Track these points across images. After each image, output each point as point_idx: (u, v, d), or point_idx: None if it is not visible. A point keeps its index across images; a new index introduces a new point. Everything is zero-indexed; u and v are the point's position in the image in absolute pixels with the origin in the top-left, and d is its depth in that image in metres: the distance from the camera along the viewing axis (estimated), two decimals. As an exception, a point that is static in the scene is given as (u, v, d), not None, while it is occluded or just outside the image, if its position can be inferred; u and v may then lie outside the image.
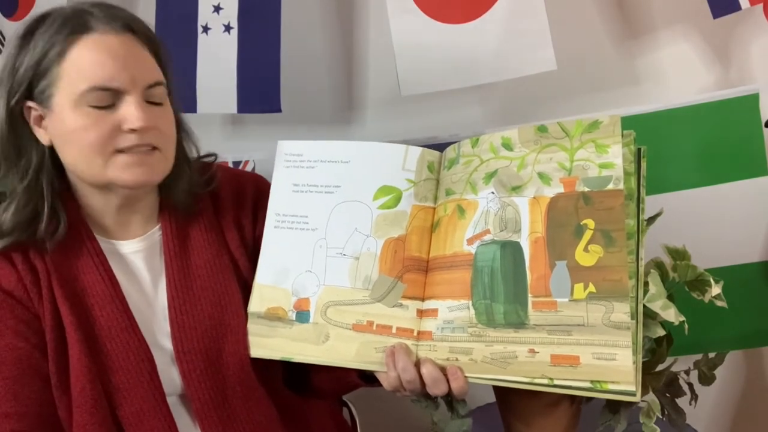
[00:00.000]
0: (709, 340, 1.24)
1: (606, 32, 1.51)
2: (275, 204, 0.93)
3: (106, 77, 0.82)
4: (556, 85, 1.40)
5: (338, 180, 0.91)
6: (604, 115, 0.80)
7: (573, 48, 1.41)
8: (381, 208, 0.88)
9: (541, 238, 0.78)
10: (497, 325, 0.78)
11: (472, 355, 0.79)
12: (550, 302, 0.76)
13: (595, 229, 0.76)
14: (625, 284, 0.73)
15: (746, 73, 1.48)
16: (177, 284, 0.90)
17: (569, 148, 0.80)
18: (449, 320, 0.81)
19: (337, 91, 1.59)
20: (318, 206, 0.91)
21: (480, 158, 0.86)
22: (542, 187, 0.80)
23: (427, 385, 0.79)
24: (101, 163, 0.84)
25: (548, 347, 0.74)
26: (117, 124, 0.84)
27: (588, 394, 0.73)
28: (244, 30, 1.39)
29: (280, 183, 0.94)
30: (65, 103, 0.83)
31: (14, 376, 0.81)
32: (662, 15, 1.50)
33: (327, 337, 0.85)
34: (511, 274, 0.79)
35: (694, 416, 0.97)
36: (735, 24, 1.45)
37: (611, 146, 0.78)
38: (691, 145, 1.33)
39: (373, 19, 1.54)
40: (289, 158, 0.94)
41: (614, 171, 0.77)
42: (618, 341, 0.71)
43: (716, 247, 1.30)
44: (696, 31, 1.48)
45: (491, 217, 0.82)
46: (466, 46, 1.32)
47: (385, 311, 0.84)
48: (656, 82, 1.50)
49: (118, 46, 0.84)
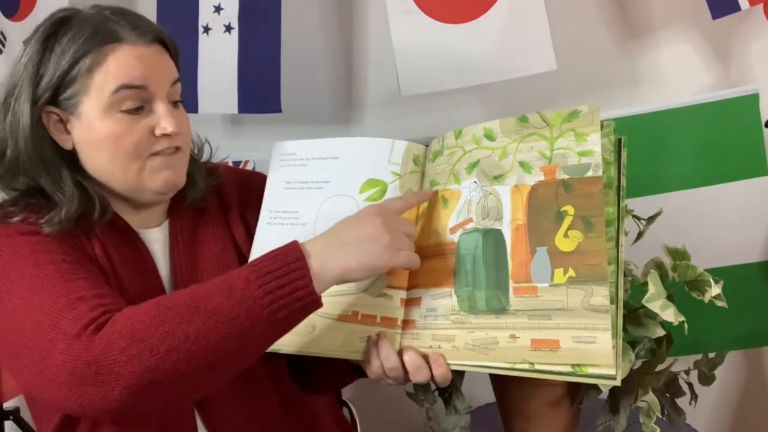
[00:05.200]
0: (709, 340, 1.24)
1: (606, 32, 1.52)
2: (268, 202, 0.94)
3: (134, 76, 0.84)
4: (556, 85, 1.40)
5: (327, 175, 0.92)
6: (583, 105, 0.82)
7: (573, 48, 1.41)
8: (367, 201, 0.89)
9: (522, 225, 0.79)
10: (479, 312, 0.78)
11: (454, 342, 0.79)
12: (531, 287, 0.76)
13: (574, 215, 0.76)
14: (604, 268, 0.73)
15: (746, 73, 1.48)
16: (184, 276, 0.91)
17: (549, 137, 0.82)
18: (432, 308, 0.82)
19: (337, 91, 1.59)
20: (308, 202, 0.92)
21: (463, 149, 0.87)
22: (523, 175, 0.81)
23: (410, 373, 0.80)
24: (137, 168, 0.86)
25: (529, 332, 0.75)
26: (150, 128, 0.86)
27: (568, 378, 0.73)
28: (244, 30, 1.40)
29: (273, 182, 0.95)
30: (94, 110, 0.84)
31: (96, 276, 0.82)
32: (662, 15, 1.50)
33: (314, 327, 0.85)
34: (492, 261, 0.79)
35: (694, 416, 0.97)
36: (735, 24, 1.45)
37: (590, 134, 0.79)
38: (691, 145, 1.33)
39: (373, 19, 1.54)
40: (284, 158, 0.96)
41: (593, 158, 0.78)
42: (597, 324, 0.71)
43: (716, 247, 1.30)
44: (696, 31, 1.48)
45: (474, 206, 0.83)
46: (466, 46, 1.32)
47: (370, 301, 0.85)
48: (656, 82, 1.51)
49: (148, 55, 0.86)
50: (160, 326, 0.70)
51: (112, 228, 0.89)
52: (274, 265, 0.73)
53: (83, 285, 0.77)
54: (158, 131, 0.86)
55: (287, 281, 0.72)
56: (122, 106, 0.84)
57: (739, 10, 1.24)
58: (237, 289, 0.71)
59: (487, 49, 1.31)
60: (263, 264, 0.73)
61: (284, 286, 0.72)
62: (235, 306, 0.71)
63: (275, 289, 0.71)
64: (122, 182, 0.87)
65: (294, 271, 0.73)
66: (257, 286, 0.71)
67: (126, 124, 0.84)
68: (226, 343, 0.70)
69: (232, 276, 0.73)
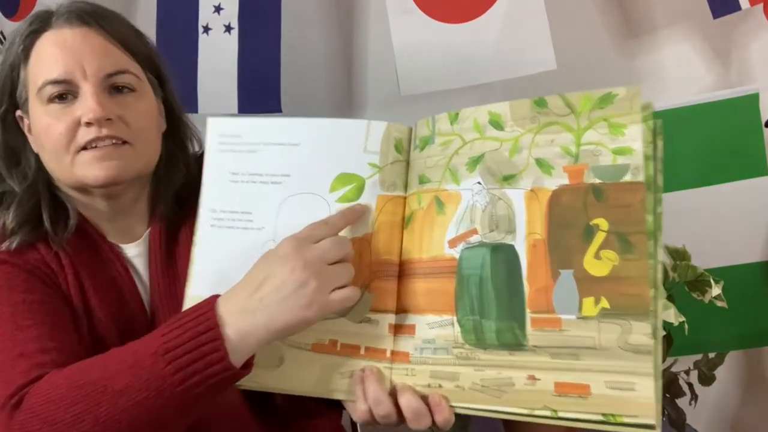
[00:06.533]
0: (709, 340, 1.24)
1: (606, 32, 1.51)
2: (210, 198, 0.78)
3: (57, 70, 0.79)
4: (556, 85, 1.40)
5: (287, 167, 0.76)
6: (619, 87, 0.65)
7: (573, 48, 1.41)
8: (340, 201, 0.74)
9: (540, 241, 0.66)
10: (489, 346, 0.67)
11: (458, 381, 0.68)
12: (554, 319, 0.64)
13: (608, 231, 0.63)
14: (645, 299, 0.61)
15: (746, 73, 1.48)
16: (162, 300, 0.86)
17: (575, 129, 0.67)
18: (430, 339, 0.70)
19: (337, 91, 1.59)
20: (263, 200, 0.76)
21: (461, 138, 0.72)
22: (542, 176, 0.67)
23: (407, 419, 0.69)
24: (69, 161, 0.81)
25: (552, 374, 0.64)
26: (76, 118, 0.79)
27: (598, 427, 0.63)
28: (244, 30, 1.40)
29: (214, 171, 0.79)
30: (34, 104, 0.81)
31: (51, 321, 0.77)
32: (662, 15, 1.50)
33: (281, 360, 0.73)
34: (504, 285, 0.67)
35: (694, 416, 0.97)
36: (735, 24, 1.45)
37: (628, 126, 0.64)
38: (691, 145, 1.33)
39: (373, 19, 1.54)
40: (225, 140, 0.79)
41: (632, 158, 0.63)
42: (637, 368, 0.60)
43: (716, 247, 1.30)
44: (696, 31, 1.48)
45: (478, 214, 0.70)
46: (466, 46, 1.32)
47: (351, 328, 0.72)
48: (656, 82, 1.50)
49: (71, 40, 0.80)
50: (70, 408, 0.65)
51: (88, 248, 0.84)
52: (185, 336, 0.65)
53: (31, 336, 0.74)
54: (82, 119, 0.79)
55: (199, 355, 0.64)
56: (50, 96, 0.80)
57: (740, 10, 1.24)
58: (145, 366, 0.64)
59: (486, 49, 1.31)
60: (174, 333, 0.65)
61: (196, 360, 0.64)
62: (144, 386, 0.64)
63: (187, 365, 0.63)
64: (64, 178, 0.83)
65: (206, 343, 0.64)
66: (166, 362, 0.64)
67: (54, 115, 0.80)
68: (139, 423, 0.64)
69: (142, 348, 0.66)
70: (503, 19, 1.30)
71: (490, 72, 1.33)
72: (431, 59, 1.33)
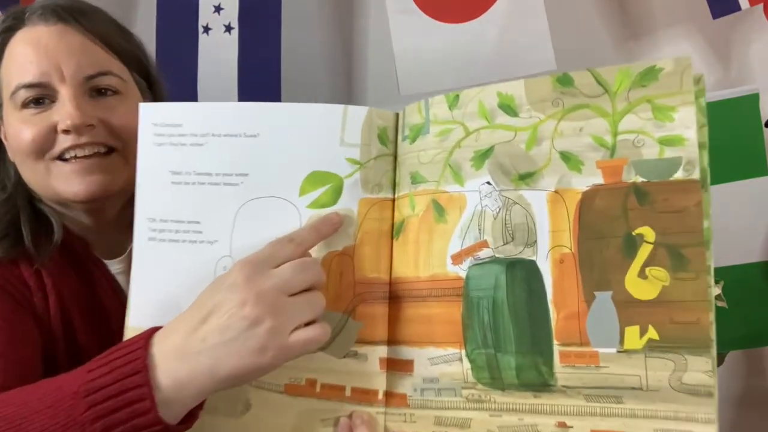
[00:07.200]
0: (709, 340, 1.24)
1: (606, 32, 1.52)
2: (146, 204, 0.64)
3: (31, 72, 0.72)
4: (556, 85, 1.40)
5: (243, 165, 0.63)
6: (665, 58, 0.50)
7: (573, 48, 1.41)
8: (313, 207, 0.61)
9: (569, 256, 0.54)
10: (507, 386, 0.56)
11: (470, 428, 0.57)
12: (588, 354, 0.53)
13: (655, 242, 0.53)
14: (704, 327, 0.50)
15: (746, 73, 1.48)
16: None
17: (610, 113, 0.54)
18: (432, 378, 0.58)
19: (337, 91, 1.60)
20: (215, 206, 0.62)
21: (464, 127, 0.60)
22: (568, 174, 0.55)
23: None
24: (43, 170, 0.74)
25: (587, 420, 0.53)
26: (52, 124, 0.73)
27: None
28: (244, 30, 1.40)
29: (150, 170, 0.64)
30: (8, 110, 0.76)
31: (4, 340, 0.70)
32: (662, 15, 1.50)
33: (246, 405, 0.61)
34: (524, 311, 0.56)
35: (694, 416, 0.97)
36: (735, 24, 1.45)
37: (678, 109, 0.52)
38: (691, 145, 1.33)
39: (373, 19, 1.54)
40: (162, 131, 0.64)
41: (685, 150, 0.52)
42: (694, 413, 0.49)
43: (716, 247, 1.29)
44: (696, 31, 1.48)
45: (488, 222, 0.57)
46: (466, 46, 1.32)
47: (333, 364, 0.60)
48: (656, 82, 1.51)
49: (47, 39, 0.73)
50: None
51: (73, 266, 0.79)
52: (109, 377, 0.54)
53: None
54: (59, 126, 0.72)
55: (123, 403, 0.53)
56: (24, 101, 0.74)
57: (740, 10, 1.24)
58: (63, 408, 0.54)
59: (486, 49, 1.32)
60: (100, 371, 0.55)
61: (119, 409, 0.53)
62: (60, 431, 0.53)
63: (108, 414, 0.53)
64: (40, 190, 0.76)
65: (131, 389, 0.53)
66: (86, 406, 0.53)
67: (26, 120, 0.73)
68: None
69: (65, 384, 0.56)
70: (503, 19, 1.31)
71: (490, 72, 1.33)
72: (431, 59, 1.33)
